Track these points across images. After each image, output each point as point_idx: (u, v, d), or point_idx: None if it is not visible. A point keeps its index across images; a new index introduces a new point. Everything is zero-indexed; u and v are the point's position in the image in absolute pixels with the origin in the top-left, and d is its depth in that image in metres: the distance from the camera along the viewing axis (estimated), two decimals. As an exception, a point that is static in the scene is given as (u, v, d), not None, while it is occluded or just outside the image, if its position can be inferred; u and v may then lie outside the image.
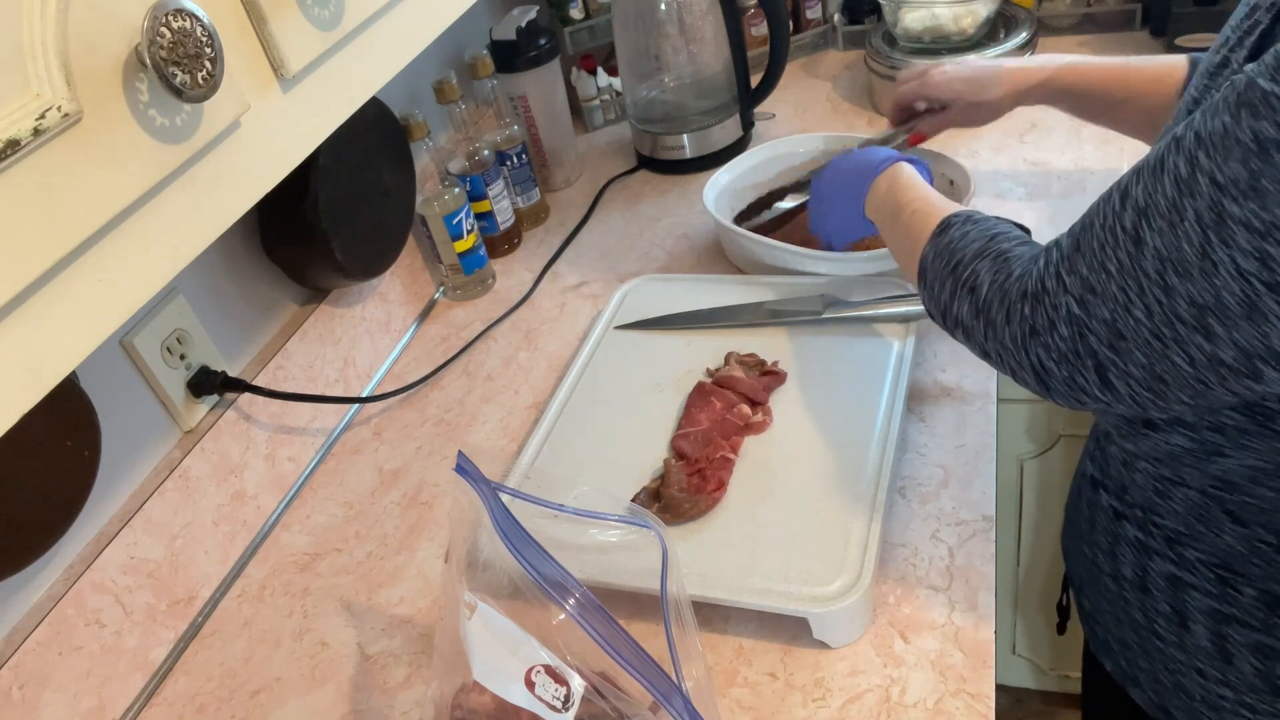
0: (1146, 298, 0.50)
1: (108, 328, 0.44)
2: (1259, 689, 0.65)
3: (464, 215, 1.17)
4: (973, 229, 0.67)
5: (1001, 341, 0.60)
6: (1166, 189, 0.49)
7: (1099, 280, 0.52)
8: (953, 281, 0.65)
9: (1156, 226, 0.49)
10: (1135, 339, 0.52)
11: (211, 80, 0.45)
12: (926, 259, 0.69)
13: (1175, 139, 0.49)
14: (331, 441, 1.06)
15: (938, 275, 0.67)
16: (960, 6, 1.28)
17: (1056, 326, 0.55)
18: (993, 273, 0.62)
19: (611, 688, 0.59)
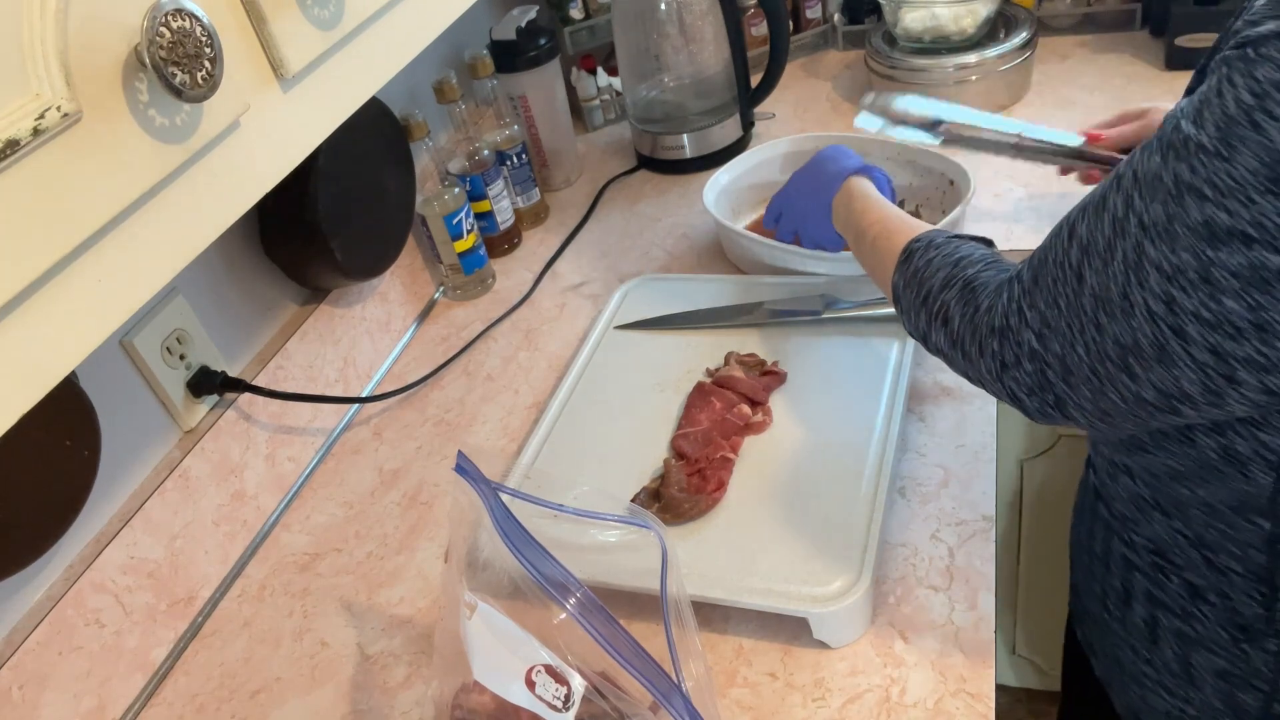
0: (1086, 335, 0.52)
1: (108, 328, 0.44)
2: (1176, 674, 0.69)
3: (464, 215, 1.17)
4: (936, 255, 0.68)
5: (979, 373, 0.61)
6: (1105, 228, 0.50)
7: (1052, 316, 0.54)
8: (925, 313, 0.66)
9: (1094, 265, 0.51)
10: (1079, 375, 0.54)
11: (211, 80, 0.45)
12: (898, 288, 0.71)
13: (1118, 176, 0.50)
14: (331, 441, 1.06)
15: (911, 304, 0.68)
16: (960, 6, 1.28)
17: (1021, 361, 0.57)
18: (961, 305, 0.63)
19: (612, 687, 0.59)
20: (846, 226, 0.86)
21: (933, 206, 1.14)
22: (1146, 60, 1.34)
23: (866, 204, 0.83)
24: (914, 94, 1.04)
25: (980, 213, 1.13)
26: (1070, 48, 1.42)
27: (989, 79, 1.29)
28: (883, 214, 0.80)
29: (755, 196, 1.23)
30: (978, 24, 1.30)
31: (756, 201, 1.23)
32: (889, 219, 0.79)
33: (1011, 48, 1.29)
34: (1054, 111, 1.29)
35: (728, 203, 1.19)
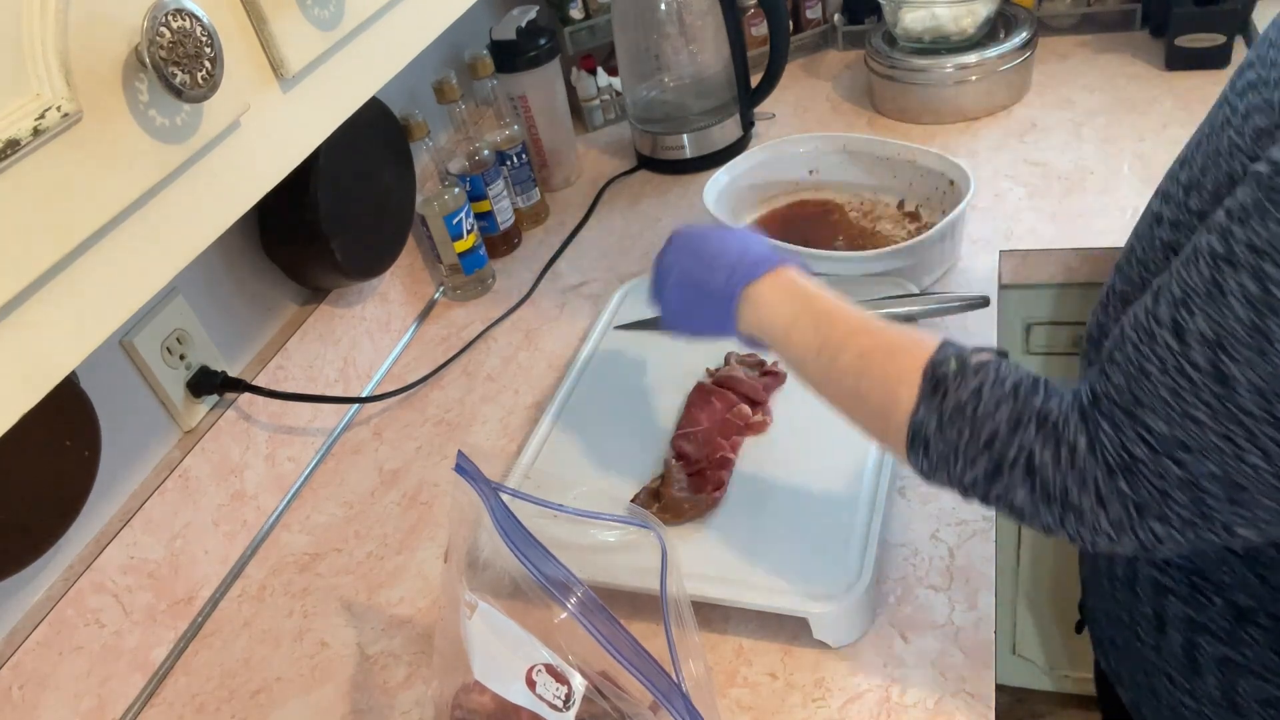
0: (1259, 440, 0.44)
1: (107, 328, 0.44)
2: (1219, 703, 0.64)
3: (464, 215, 1.17)
4: (979, 382, 0.54)
5: (1095, 527, 0.51)
6: (1239, 313, 0.43)
7: (1190, 434, 0.46)
8: (989, 461, 0.53)
9: (1241, 357, 0.43)
10: (1258, 486, 0.45)
11: (211, 80, 0.45)
12: (924, 428, 0.56)
13: (1221, 258, 0.44)
14: (331, 441, 1.06)
15: (955, 450, 0.54)
16: (960, 6, 1.28)
17: (1170, 495, 0.48)
18: (1053, 446, 0.51)
19: (612, 687, 0.59)
20: (787, 326, 0.65)
21: (933, 206, 1.14)
22: (1146, 60, 1.34)
23: (828, 306, 0.64)
24: None
25: (980, 213, 1.13)
26: (1070, 48, 1.42)
27: (989, 79, 1.29)
28: (863, 321, 0.62)
29: (755, 196, 1.23)
30: (978, 24, 1.30)
31: (757, 201, 1.23)
32: (872, 325, 0.61)
33: (1011, 48, 1.29)
34: (1054, 111, 1.29)
35: (728, 203, 1.19)
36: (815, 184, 1.23)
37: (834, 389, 0.63)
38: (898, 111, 1.37)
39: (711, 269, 0.69)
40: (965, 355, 0.57)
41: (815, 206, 1.21)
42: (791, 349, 0.65)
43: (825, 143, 1.21)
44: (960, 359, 0.56)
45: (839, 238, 1.14)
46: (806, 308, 0.64)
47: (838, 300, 0.64)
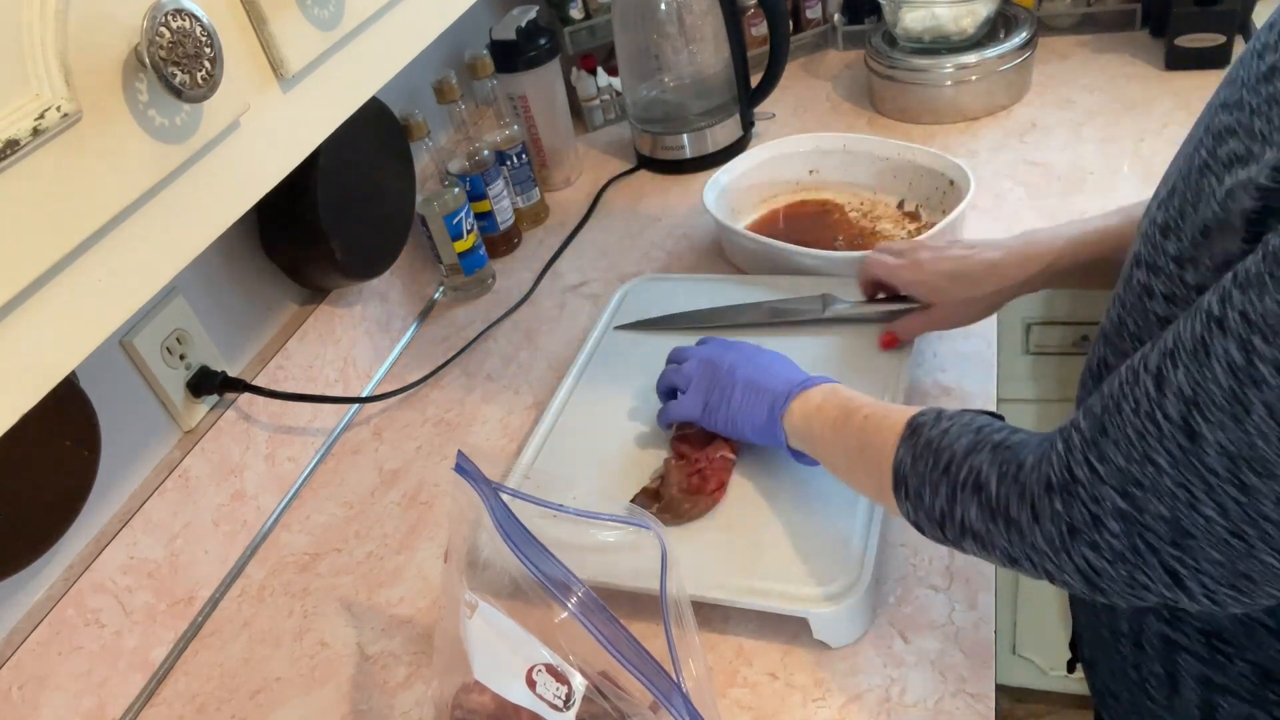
0: (1218, 495, 0.44)
1: (107, 328, 0.44)
2: None
3: (464, 215, 1.17)
4: (950, 424, 0.60)
5: (1033, 545, 0.52)
6: (1219, 378, 0.43)
7: (1145, 474, 0.46)
8: (947, 485, 0.57)
9: (1215, 419, 0.44)
10: (1208, 538, 0.46)
11: (211, 80, 0.45)
12: (903, 466, 0.61)
13: (1215, 319, 0.44)
14: (331, 441, 1.06)
15: (924, 480, 0.59)
16: (960, 6, 1.28)
17: (1103, 522, 0.48)
18: (998, 465, 0.54)
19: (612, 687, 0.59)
20: (818, 417, 0.73)
21: (933, 206, 1.14)
22: (1146, 60, 1.34)
23: (856, 394, 0.72)
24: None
25: (980, 213, 1.13)
26: (1070, 48, 1.42)
27: (989, 79, 1.29)
28: (868, 400, 0.70)
29: (755, 196, 1.23)
30: (978, 24, 1.30)
31: (757, 201, 1.23)
32: (879, 404, 0.69)
33: (1011, 48, 1.29)
34: (1054, 111, 1.29)
35: (728, 203, 1.19)
36: (815, 184, 1.23)
37: (843, 454, 0.70)
38: (898, 111, 1.37)
39: (775, 379, 0.78)
40: (942, 409, 0.63)
41: (815, 206, 1.21)
42: (817, 426, 0.72)
43: (825, 143, 1.21)
44: (940, 412, 0.62)
45: (839, 238, 1.14)
46: (834, 396, 0.73)
47: (862, 396, 0.71)
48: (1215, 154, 0.49)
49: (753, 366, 0.80)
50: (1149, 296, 0.54)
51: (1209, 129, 0.51)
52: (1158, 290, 0.53)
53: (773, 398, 0.76)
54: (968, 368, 0.93)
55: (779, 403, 0.76)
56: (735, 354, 0.83)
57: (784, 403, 0.75)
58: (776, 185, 1.23)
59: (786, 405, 0.75)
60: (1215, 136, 0.49)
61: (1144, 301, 0.54)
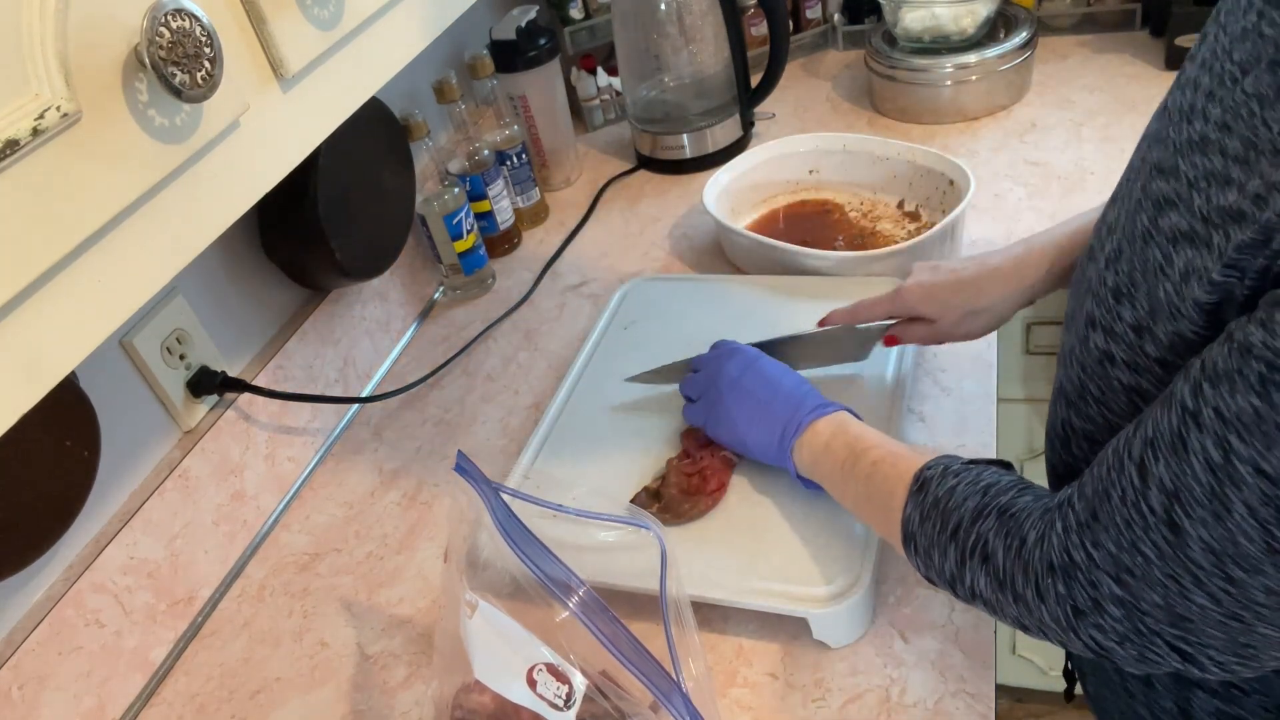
0: (1207, 587, 0.44)
1: (107, 328, 0.44)
2: None
3: (464, 215, 1.17)
4: (957, 481, 0.59)
5: (1040, 620, 0.52)
6: (1198, 473, 0.43)
7: (1135, 563, 0.46)
8: (955, 550, 0.57)
9: (1197, 516, 0.43)
10: (1204, 620, 0.45)
11: (211, 80, 0.45)
12: (911, 523, 0.61)
13: (1190, 413, 0.43)
14: (331, 441, 1.06)
15: (932, 541, 0.59)
16: (960, 6, 1.28)
17: (1104, 607, 0.48)
18: (1004, 537, 0.54)
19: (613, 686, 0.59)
20: (828, 454, 0.72)
21: (933, 206, 1.14)
22: (1146, 60, 1.34)
23: (866, 431, 0.71)
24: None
25: (980, 213, 1.13)
26: (1070, 48, 1.42)
27: (989, 79, 1.29)
28: (885, 439, 0.69)
29: (755, 196, 1.23)
30: (978, 24, 1.30)
31: (757, 201, 1.23)
32: (891, 443, 0.68)
33: (1011, 48, 1.29)
34: (1054, 111, 1.29)
35: (728, 203, 1.19)
36: (815, 184, 1.23)
37: (853, 496, 0.69)
38: (898, 111, 1.37)
39: (784, 400, 0.77)
40: (953, 462, 0.62)
41: (815, 206, 1.21)
42: (827, 464, 0.72)
43: (825, 143, 1.21)
44: (947, 464, 0.61)
45: (839, 238, 1.14)
46: (845, 432, 0.72)
47: (874, 431, 0.71)
48: (1157, 224, 0.48)
49: (755, 383, 0.79)
50: (1110, 363, 0.53)
51: (1148, 193, 0.50)
52: (1119, 357, 0.52)
53: (781, 426, 0.75)
54: (968, 368, 0.93)
55: (788, 433, 0.74)
56: (735, 368, 0.81)
57: (793, 434, 0.74)
58: (776, 185, 1.23)
59: (796, 437, 0.74)
60: (1155, 204, 0.49)
61: (1105, 368, 0.54)
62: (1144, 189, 0.51)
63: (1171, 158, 0.48)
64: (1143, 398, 0.51)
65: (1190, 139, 0.47)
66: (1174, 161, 0.48)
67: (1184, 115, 0.48)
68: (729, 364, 0.82)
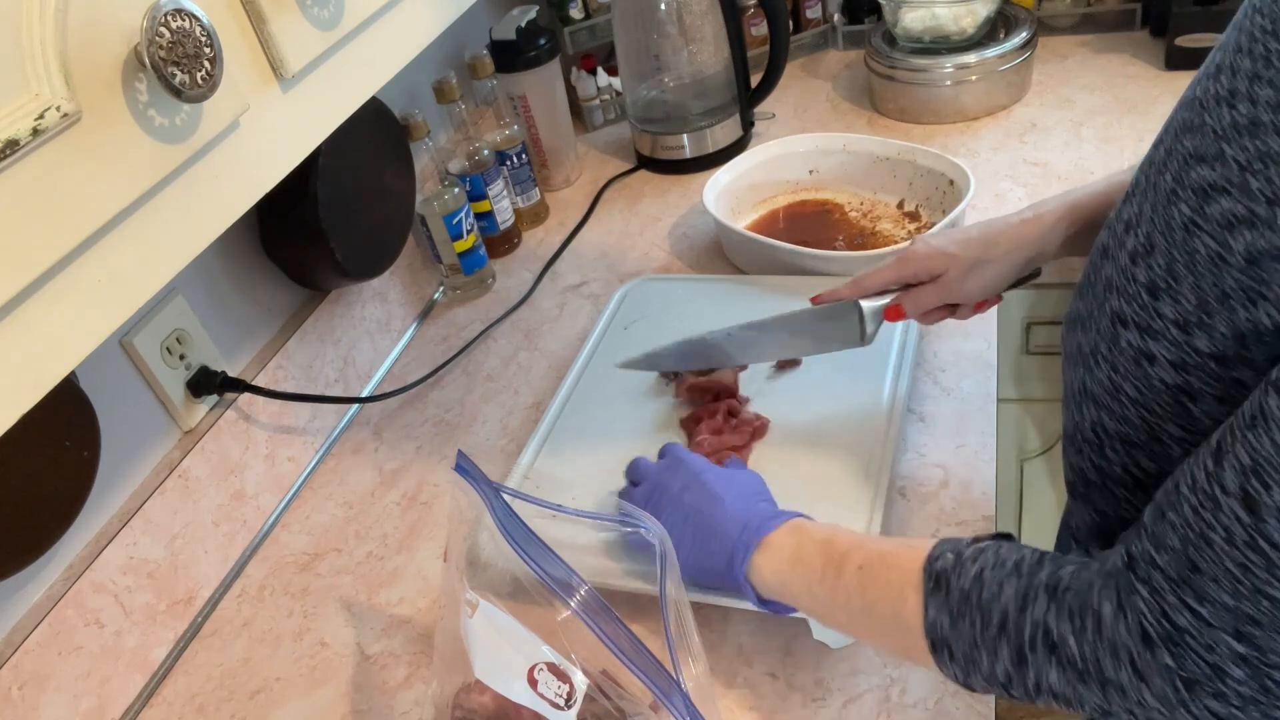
0: None
1: (107, 328, 0.44)
2: None
3: (464, 215, 1.17)
4: (978, 567, 0.53)
5: (1139, 702, 0.47)
6: None
7: (1261, 609, 0.42)
8: (1009, 647, 0.50)
9: None
10: None
11: (211, 80, 0.45)
12: (939, 627, 0.54)
13: None
14: (331, 441, 1.06)
15: (974, 644, 0.52)
16: (960, 6, 1.29)
17: (1225, 670, 0.44)
18: (1069, 618, 0.48)
19: (613, 686, 0.59)
20: (796, 571, 0.64)
21: (933, 206, 1.14)
22: (1146, 60, 1.34)
23: (834, 533, 0.64)
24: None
25: (980, 213, 1.13)
26: (1070, 48, 1.42)
27: (989, 79, 1.29)
28: (859, 538, 0.62)
29: (755, 196, 1.23)
30: (978, 24, 1.30)
31: (757, 201, 1.23)
32: (867, 539, 0.62)
33: (1011, 48, 1.29)
34: (1054, 111, 1.29)
35: (728, 203, 1.19)
36: (815, 184, 1.23)
37: (844, 612, 0.61)
38: (898, 111, 1.37)
39: (728, 515, 0.68)
40: (960, 547, 0.56)
41: (815, 206, 1.21)
42: (799, 581, 0.63)
43: (825, 143, 1.21)
44: (955, 551, 0.55)
45: (839, 238, 1.14)
46: (809, 540, 0.64)
47: (838, 528, 0.64)
48: (1203, 213, 0.47)
49: (700, 498, 0.70)
50: (1149, 362, 0.51)
51: (1184, 183, 0.48)
52: (1160, 356, 0.50)
53: (730, 548, 0.66)
54: (968, 368, 0.93)
55: (738, 556, 0.65)
56: (677, 483, 0.71)
57: (744, 556, 0.65)
58: (776, 185, 1.23)
59: (747, 559, 0.65)
60: (1198, 193, 0.47)
61: (1143, 367, 0.52)
62: (1178, 179, 0.49)
63: (1213, 144, 0.46)
64: (1192, 398, 0.49)
65: (1236, 123, 0.45)
66: (1217, 148, 0.46)
67: (1223, 101, 0.46)
68: (670, 479, 0.72)
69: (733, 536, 0.66)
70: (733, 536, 0.66)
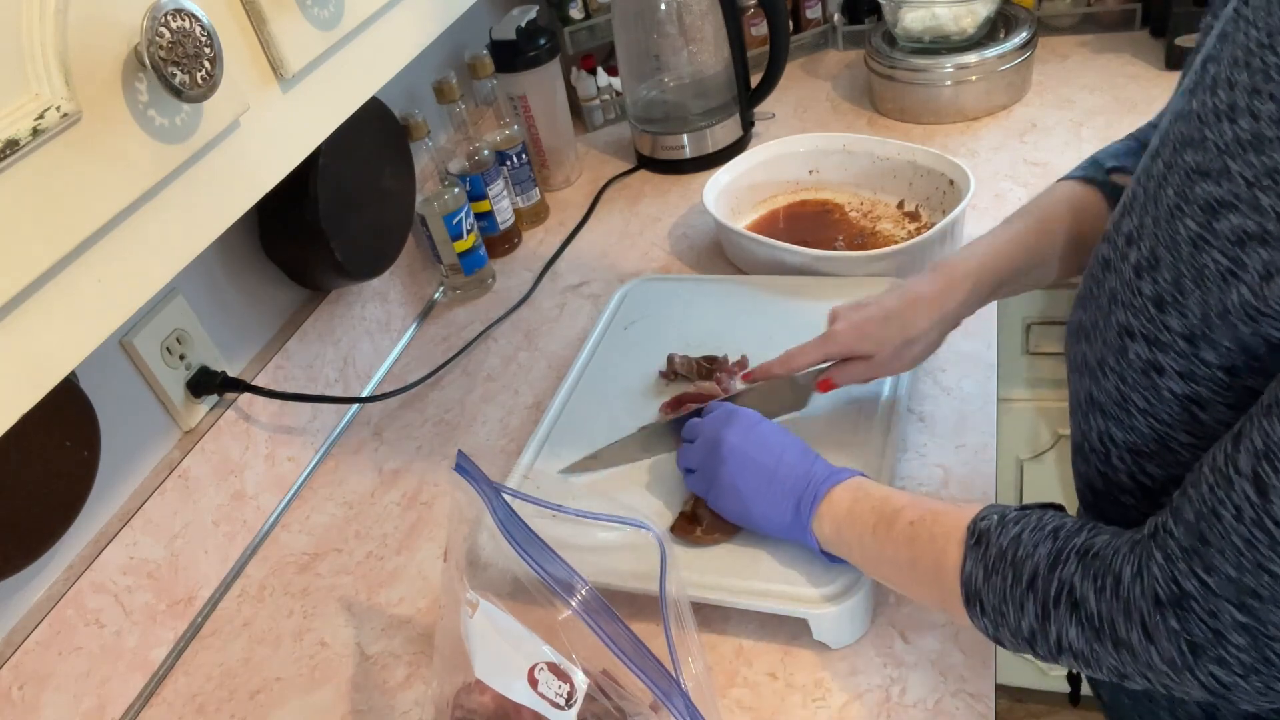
0: None
1: (107, 328, 0.44)
2: None
3: (464, 215, 1.17)
4: (1020, 529, 0.55)
5: (1148, 664, 0.49)
6: None
7: (1261, 584, 0.44)
8: (1035, 602, 0.53)
9: None
10: None
11: (211, 80, 0.45)
12: (974, 580, 0.56)
13: None
14: (331, 441, 1.06)
15: (1004, 597, 0.55)
16: (960, 6, 1.29)
17: (1226, 637, 0.46)
18: (1093, 579, 0.51)
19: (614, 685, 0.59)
20: (854, 522, 0.67)
21: (933, 206, 1.14)
22: (1146, 60, 1.34)
23: (891, 492, 0.67)
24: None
25: (980, 213, 1.13)
26: (1070, 48, 1.42)
27: (989, 79, 1.29)
28: (914, 497, 0.65)
29: (755, 196, 1.23)
30: (978, 24, 1.30)
31: (757, 201, 1.23)
32: (922, 499, 0.64)
33: (1011, 48, 1.29)
34: (1054, 111, 1.29)
35: (728, 203, 1.19)
36: (815, 184, 1.23)
37: (889, 563, 0.64)
38: (898, 111, 1.37)
39: (791, 469, 0.71)
40: (1007, 510, 0.58)
41: (815, 206, 1.21)
42: (853, 533, 0.66)
43: (825, 143, 1.21)
44: (1001, 512, 0.58)
45: (839, 238, 1.14)
46: (868, 496, 0.67)
47: (897, 490, 0.67)
48: (1212, 229, 0.47)
49: (759, 450, 0.73)
50: (1157, 373, 0.52)
51: (1189, 198, 0.48)
52: (1169, 367, 0.51)
53: (795, 498, 0.70)
54: (968, 368, 0.93)
55: (805, 504, 0.69)
56: (735, 434, 0.74)
57: (810, 505, 0.69)
58: (776, 185, 1.23)
59: (814, 511, 0.69)
60: (1204, 209, 0.47)
61: (1152, 378, 0.52)
62: (1181, 194, 0.49)
63: (1217, 159, 0.47)
64: (1201, 406, 0.50)
65: (1239, 138, 0.45)
66: (1221, 164, 0.46)
67: (1223, 116, 0.47)
68: (728, 431, 0.75)
69: (798, 488, 0.70)
70: (798, 488, 0.70)
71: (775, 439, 0.74)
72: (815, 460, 0.72)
